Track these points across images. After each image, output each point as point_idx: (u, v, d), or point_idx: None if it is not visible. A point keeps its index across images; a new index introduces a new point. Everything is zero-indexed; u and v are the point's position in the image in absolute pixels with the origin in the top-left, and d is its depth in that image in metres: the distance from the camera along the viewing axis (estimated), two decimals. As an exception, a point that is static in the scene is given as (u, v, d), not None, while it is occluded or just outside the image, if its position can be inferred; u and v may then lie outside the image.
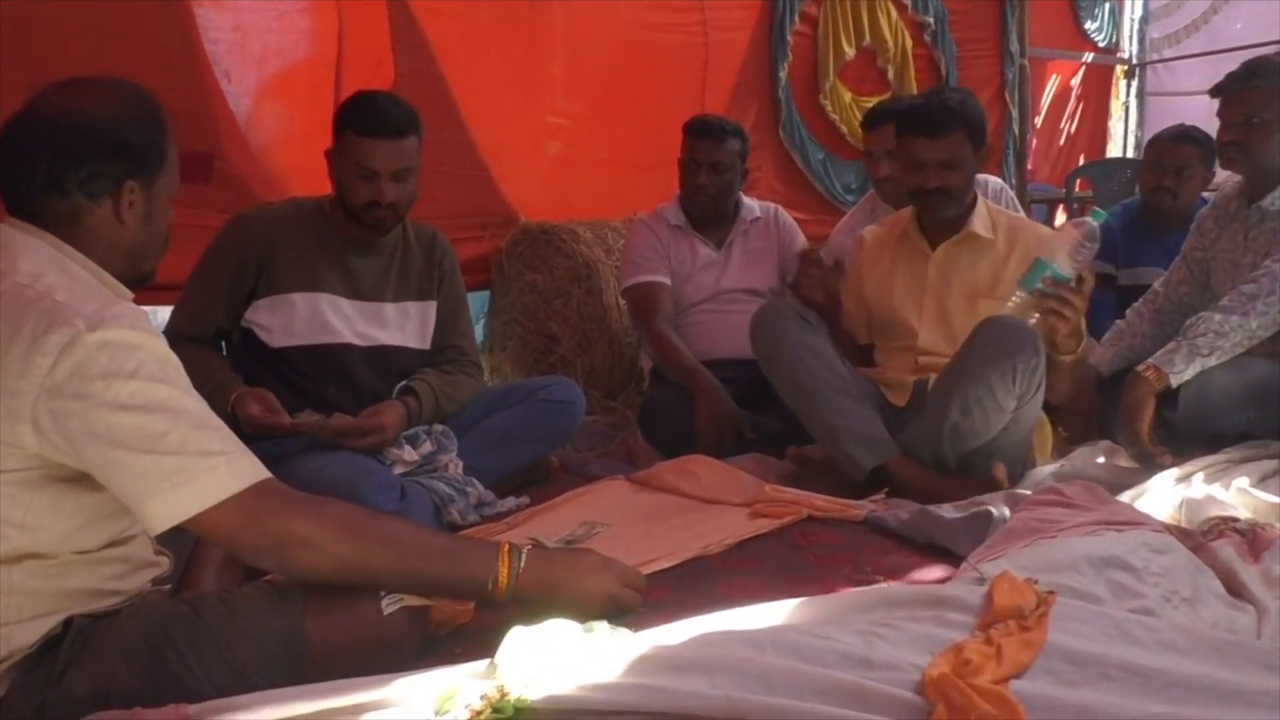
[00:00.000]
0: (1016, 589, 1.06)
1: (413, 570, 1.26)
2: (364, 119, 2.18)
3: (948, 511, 1.69)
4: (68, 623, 1.26)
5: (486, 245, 3.68)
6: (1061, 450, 2.55)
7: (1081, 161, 6.55)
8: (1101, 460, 2.27)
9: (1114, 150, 7.84)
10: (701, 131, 2.96)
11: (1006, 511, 1.57)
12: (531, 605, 1.29)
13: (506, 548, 1.31)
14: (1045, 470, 2.25)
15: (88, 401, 1.14)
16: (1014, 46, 4.95)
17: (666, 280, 2.92)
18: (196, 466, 1.16)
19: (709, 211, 3.00)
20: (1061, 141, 6.89)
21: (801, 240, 3.13)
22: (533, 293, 3.45)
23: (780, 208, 3.21)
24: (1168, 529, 1.41)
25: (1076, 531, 1.28)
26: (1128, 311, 2.68)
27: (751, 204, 3.11)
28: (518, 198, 3.80)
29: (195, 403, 1.22)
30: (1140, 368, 2.24)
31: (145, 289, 3.04)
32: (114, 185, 1.28)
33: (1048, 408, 2.70)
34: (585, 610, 1.30)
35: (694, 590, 1.54)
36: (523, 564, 1.30)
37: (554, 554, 1.39)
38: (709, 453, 2.41)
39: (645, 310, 2.91)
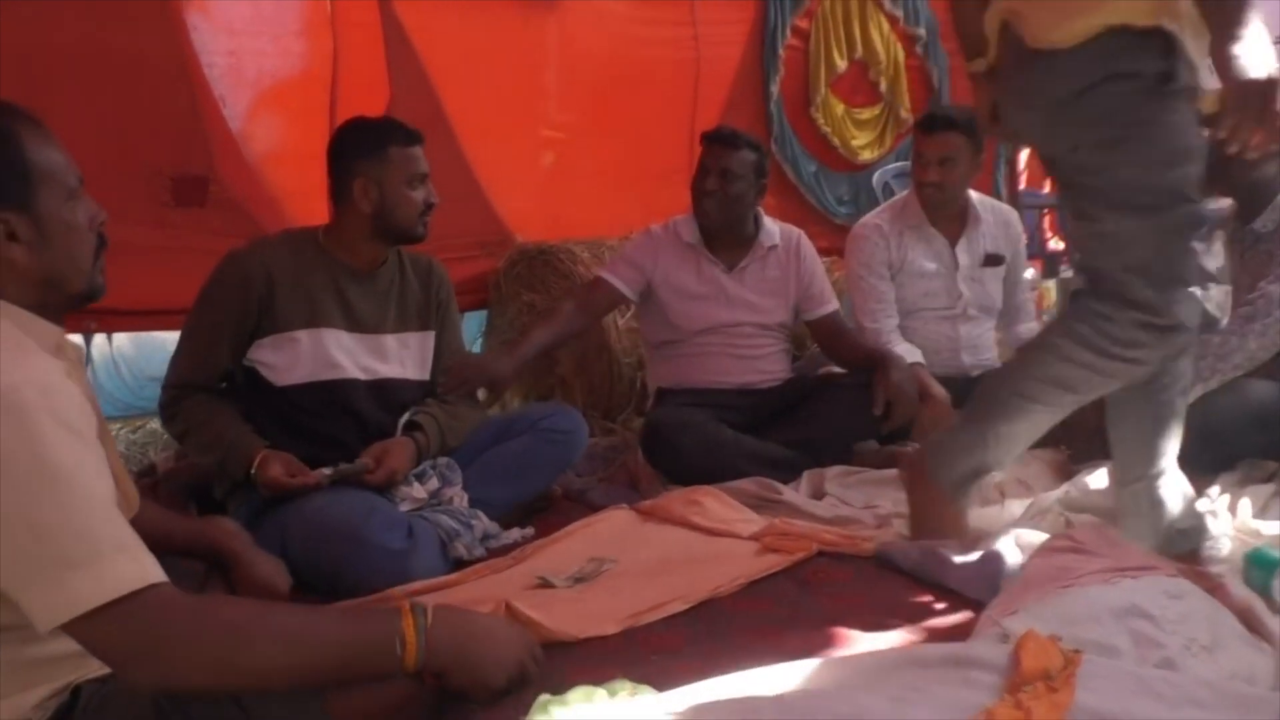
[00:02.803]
0: (1043, 649, 1.07)
1: (312, 657, 1.16)
2: (401, 129, 2.27)
3: (955, 552, 1.69)
4: (75, 691, 1.23)
5: (483, 265, 3.69)
6: (1065, 471, 2.56)
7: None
8: (1106, 485, 2.27)
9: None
10: (715, 138, 2.88)
11: (1017, 554, 1.57)
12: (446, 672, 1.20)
13: (408, 606, 1.21)
14: (1051, 496, 2.26)
15: None
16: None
17: (619, 286, 2.85)
18: (79, 567, 1.06)
19: (718, 222, 2.86)
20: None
21: (821, 273, 3.01)
22: (531, 313, 3.45)
23: (804, 235, 3.06)
24: (1181, 570, 1.41)
25: (1093, 579, 1.29)
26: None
27: (773, 228, 2.97)
28: (511, 215, 3.81)
29: (91, 487, 1.10)
30: None
31: (141, 314, 3.03)
32: None
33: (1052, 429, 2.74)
34: (494, 676, 1.22)
35: (710, 636, 1.54)
36: (429, 620, 1.20)
37: (463, 612, 1.28)
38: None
39: (581, 293, 2.92)
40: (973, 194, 3.11)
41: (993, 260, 3.10)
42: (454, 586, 1.96)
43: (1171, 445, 1.91)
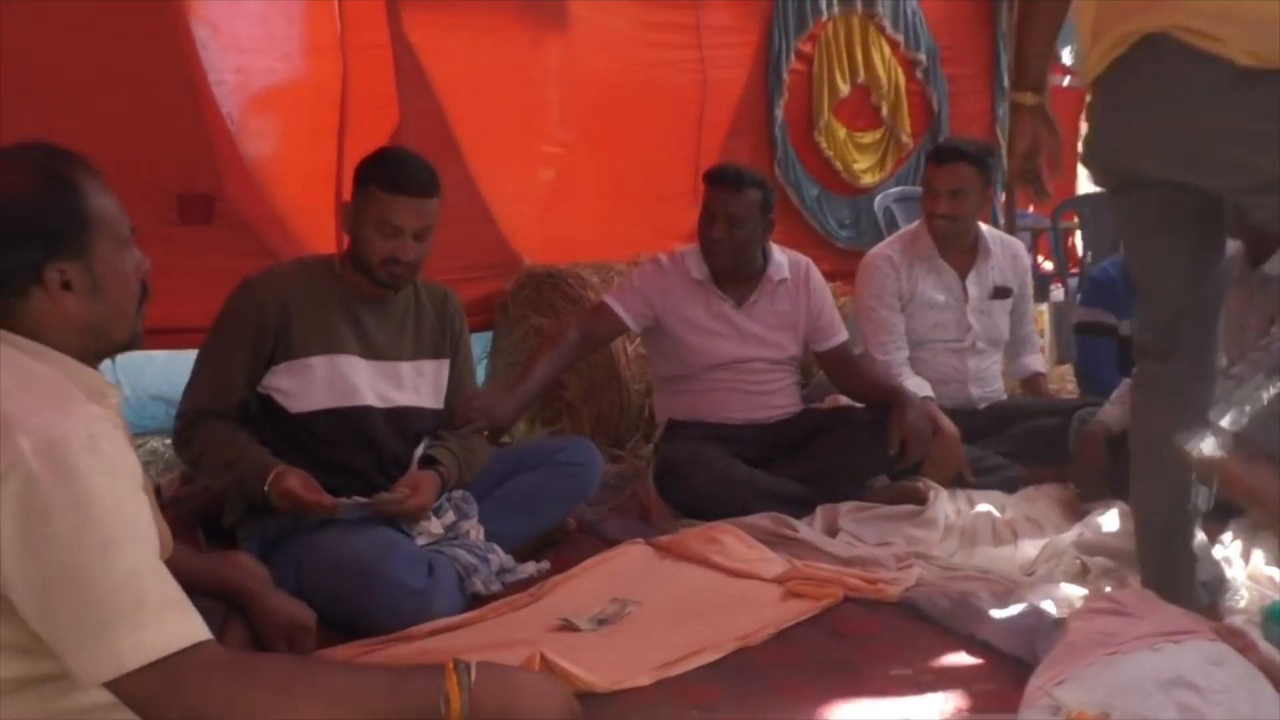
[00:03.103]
0: (1098, 728, 1.07)
1: (356, 717, 1.16)
2: (392, 176, 2.16)
3: (989, 604, 1.70)
4: None
5: (489, 286, 3.68)
6: (1074, 509, 2.58)
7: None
8: (1118, 527, 2.29)
9: (1083, 175, 7.97)
10: (718, 180, 2.81)
11: (1053, 609, 1.57)
12: None
13: (451, 664, 1.21)
14: (1066, 538, 2.27)
15: (24, 539, 1.05)
16: (1006, 83, 5.00)
17: (623, 316, 2.80)
18: (124, 624, 1.05)
19: (727, 267, 2.82)
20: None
21: (830, 303, 2.99)
22: (538, 336, 3.43)
23: (813, 265, 3.03)
24: (1217, 632, 1.42)
25: (1138, 645, 1.29)
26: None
27: (782, 260, 2.92)
28: (518, 237, 3.80)
29: (138, 543, 1.10)
30: None
31: (145, 333, 3.02)
32: (33, 274, 1.16)
33: (1059, 464, 2.76)
34: None
35: (746, 690, 1.54)
36: (473, 679, 1.20)
37: (507, 670, 1.29)
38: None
39: (585, 320, 2.86)
40: (982, 226, 3.13)
41: (1001, 293, 3.12)
42: (475, 624, 1.96)
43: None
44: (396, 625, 1.90)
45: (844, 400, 3.05)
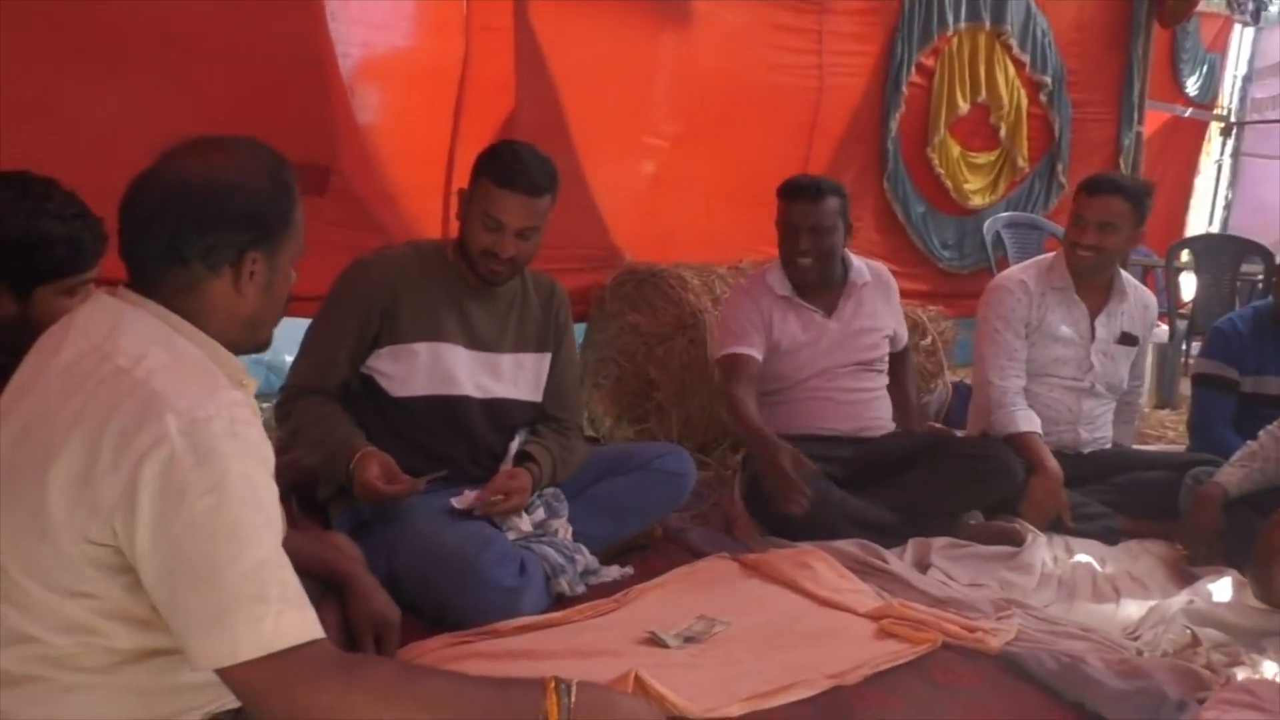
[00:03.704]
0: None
1: None
2: (503, 170, 2.15)
3: (1102, 672, 1.62)
4: None
5: (588, 278, 3.65)
6: (1180, 571, 2.47)
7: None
8: (1230, 598, 2.18)
9: (1199, 206, 7.67)
10: (797, 193, 2.79)
11: (1175, 689, 1.49)
12: None
13: (553, 684, 1.20)
14: (1174, 603, 2.17)
15: (159, 515, 1.06)
16: (1134, 113, 4.82)
17: (756, 355, 2.77)
18: (243, 614, 1.06)
19: (814, 280, 2.82)
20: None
21: (896, 300, 3.04)
22: (634, 334, 3.40)
23: (884, 265, 3.09)
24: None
25: (1274, 743, 1.22)
26: (1260, 433, 2.57)
27: (860, 265, 2.95)
28: (618, 230, 3.77)
29: (267, 532, 1.11)
30: None
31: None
32: (235, 256, 1.21)
33: (1165, 520, 2.65)
34: None
35: (841, 733, 1.49)
36: (573, 700, 1.19)
37: (606, 694, 1.27)
38: (782, 507, 2.39)
39: (729, 377, 2.78)
40: (1120, 270, 3.01)
41: (1128, 339, 3.00)
42: (560, 626, 1.94)
43: None
44: (484, 620, 1.91)
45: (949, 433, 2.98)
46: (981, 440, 2.70)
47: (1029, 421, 2.80)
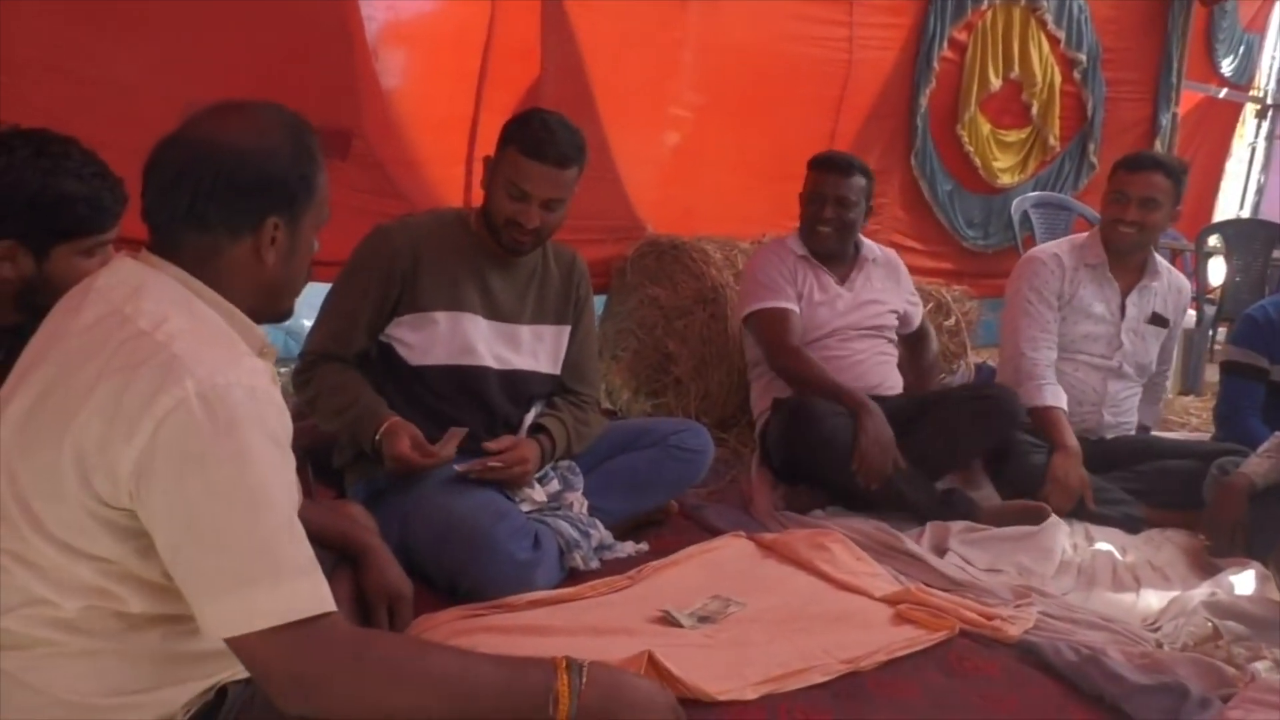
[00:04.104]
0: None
1: (465, 705, 1.15)
2: (532, 139, 2.11)
3: (1122, 665, 1.60)
4: (222, 692, 1.23)
5: (608, 250, 3.62)
6: (1202, 562, 2.43)
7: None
8: (1253, 590, 2.15)
9: (1229, 190, 7.54)
10: (828, 165, 2.91)
11: (1198, 686, 1.47)
12: None
13: (564, 664, 1.21)
14: (1195, 595, 2.14)
15: (175, 479, 1.05)
16: (1172, 94, 4.73)
17: (795, 308, 2.85)
18: (256, 581, 1.06)
19: (831, 248, 2.93)
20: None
21: (910, 287, 3.12)
22: (653, 306, 3.37)
23: (894, 252, 3.19)
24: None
25: (1300, 745, 1.19)
26: (1291, 423, 2.53)
27: (872, 245, 3.09)
28: (641, 202, 3.73)
29: (282, 502, 1.10)
30: None
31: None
32: (256, 221, 1.19)
33: (1188, 510, 2.62)
34: None
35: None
36: (584, 681, 1.20)
37: (617, 675, 1.28)
38: (870, 476, 2.48)
39: (777, 332, 2.81)
40: (1154, 252, 2.98)
41: (1159, 320, 2.97)
42: (574, 601, 1.93)
43: None
44: (497, 592, 1.89)
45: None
46: (980, 383, 2.71)
47: (1055, 397, 2.80)
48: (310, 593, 1.09)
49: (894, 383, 2.96)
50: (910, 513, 2.56)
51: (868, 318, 2.95)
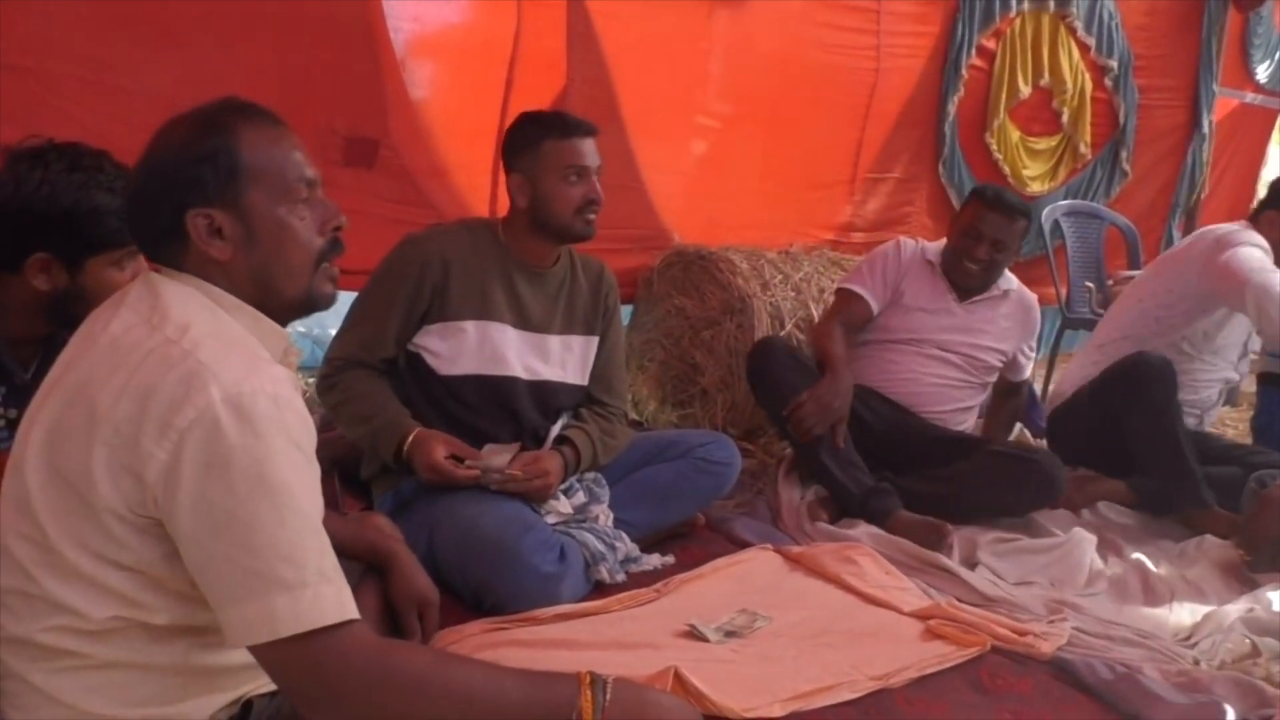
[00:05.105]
0: None
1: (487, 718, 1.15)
2: (559, 124, 2.21)
3: (1159, 685, 1.57)
4: (247, 705, 1.23)
5: (634, 260, 3.61)
6: (1236, 573, 2.39)
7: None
8: (1294, 607, 2.10)
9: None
10: (996, 205, 2.80)
11: (1236, 708, 1.44)
12: None
13: (588, 679, 1.19)
14: (1232, 610, 2.10)
15: (200, 487, 1.05)
16: (1210, 101, 4.66)
17: (873, 301, 2.85)
18: (280, 588, 1.05)
19: (972, 285, 2.87)
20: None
21: (1033, 337, 3.01)
22: (680, 317, 3.36)
23: (1033, 297, 3.02)
24: None
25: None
26: (1330, 436, 2.48)
27: (1011, 278, 2.97)
28: (667, 211, 3.72)
29: (307, 510, 1.10)
30: None
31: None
32: (180, 222, 1.16)
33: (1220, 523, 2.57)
34: None
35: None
36: (608, 697, 1.18)
37: (642, 691, 1.25)
38: (798, 426, 2.55)
39: (835, 308, 2.90)
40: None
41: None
42: (600, 615, 1.92)
43: None
44: (523, 605, 1.89)
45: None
46: (1031, 447, 2.66)
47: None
48: (334, 600, 1.09)
49: (950, 417, 2.87)
50: (831, 492, 2.61)
51: (965, 344, 2.86)
